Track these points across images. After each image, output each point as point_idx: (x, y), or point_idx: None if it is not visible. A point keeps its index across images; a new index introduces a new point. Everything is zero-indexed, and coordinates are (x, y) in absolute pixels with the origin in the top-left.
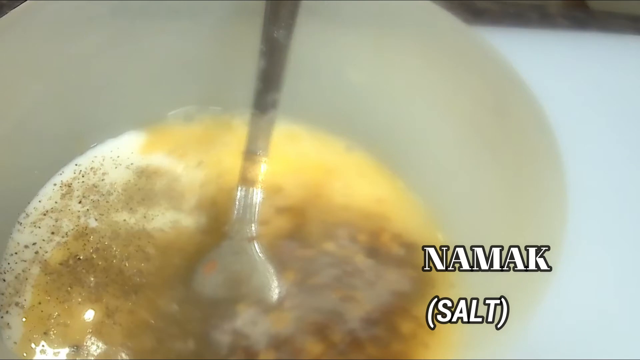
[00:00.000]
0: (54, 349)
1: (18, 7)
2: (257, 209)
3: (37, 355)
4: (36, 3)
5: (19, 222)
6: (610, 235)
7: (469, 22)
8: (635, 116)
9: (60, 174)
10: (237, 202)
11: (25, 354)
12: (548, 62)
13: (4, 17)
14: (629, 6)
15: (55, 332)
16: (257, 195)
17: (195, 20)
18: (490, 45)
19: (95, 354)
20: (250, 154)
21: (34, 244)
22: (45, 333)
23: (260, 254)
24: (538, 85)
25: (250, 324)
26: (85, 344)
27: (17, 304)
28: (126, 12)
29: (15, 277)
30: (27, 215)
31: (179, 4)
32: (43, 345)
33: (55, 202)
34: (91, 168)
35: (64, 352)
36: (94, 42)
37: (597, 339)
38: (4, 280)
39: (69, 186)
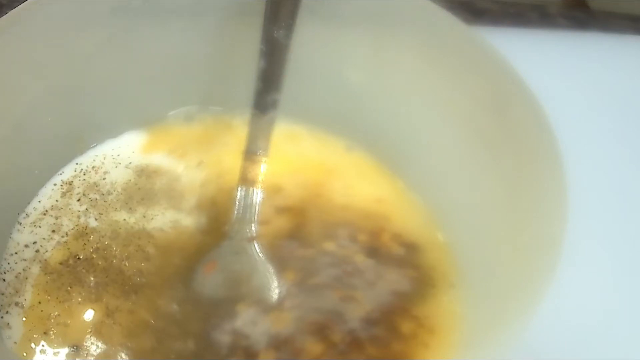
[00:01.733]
0: (54, 348)
1: (18, 7)
2: (257, 209)
3: (37, 355)
4: (36, 3)
5: (18, 222)
6: (610, 235)
7: (469, 22)
8: (635, 116)
9: (61, 174)
10: (237, 202)
11: (25, 354)
12: (548, 62)
13: (4, 17)
14: (629, 6)
15: (55, 331)
16: (257, 195)
17: (195, 20)
18: (490, 45)
19: (95, 353)
20: (250, 154)
21: (34, 242)
22: (45, 333)
23: (260, 254)
24: (538, 85)
25: (250, 324)
26: (85, 343)
27: (17, 303)
28: (126, 12)
29: (16, 277)
30: (27, 215)
31: (179, 4)
32: (43, 345)
33: (56, 201)
34: (92, 167)
35: (64, 352)
36: (94, 42)
37: (597, 339)
38: (4, 280)
39: (70, 184)
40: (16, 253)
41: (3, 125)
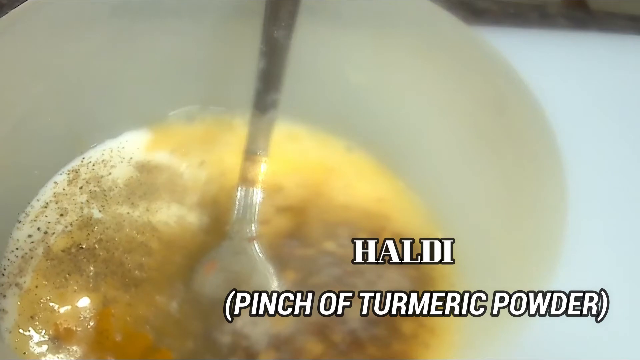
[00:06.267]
0: (40, 335)
1: (18, 7)
2: (257, 209)
3: (26, 341)
4: (36, 3)
5: (18, 220)
6: (610, 235)
7: (469, 22)
8: (635, 116)
9: (61, 174)
10: (237, 202)
11: (16, 340)
12: (548, 62)
13: (4, 17)
14: (629, 6)
15: (42, 316)
16: (257, 195)
17: (195, 20)
18: (490, 45)
19: (87, 344)
20: (251, 154)
21: (39, 229)
22: (32, 317)
23: (260, 254)
24: (538, 85)
25: (250, 324)
26: (76, 332)
27: (17, 284)
28: (126, 12)
29: (22, 257)
30: (27, 214)
31: (179, 4)
32: (30, 330)
33: (63, 189)
34: (102, 160)
35: (52, 338)
36: (94, 42)
37: (596, 339)
38: (3, 274)
39: (76, 172)
40: (17, 249)
41: (3, 125)
